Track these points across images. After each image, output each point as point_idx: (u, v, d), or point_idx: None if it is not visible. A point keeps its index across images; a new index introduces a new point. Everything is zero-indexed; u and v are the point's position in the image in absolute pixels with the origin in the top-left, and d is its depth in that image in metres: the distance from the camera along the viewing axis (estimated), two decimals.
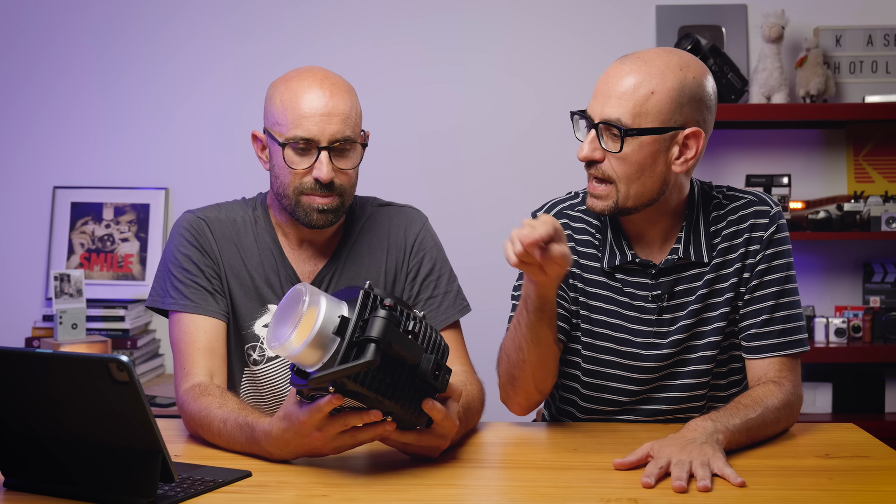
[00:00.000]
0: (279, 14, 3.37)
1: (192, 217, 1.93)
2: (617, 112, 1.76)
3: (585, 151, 1.80)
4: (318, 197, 1.83)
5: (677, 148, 1.78)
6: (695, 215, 1.88)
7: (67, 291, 3.02)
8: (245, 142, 2.09)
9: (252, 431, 1.62)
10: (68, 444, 1.42)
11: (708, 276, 1.86)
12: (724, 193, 1.92)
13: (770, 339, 1.84)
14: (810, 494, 1.48)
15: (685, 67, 1.79)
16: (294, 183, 1.83)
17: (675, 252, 1.86)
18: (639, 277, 1.88)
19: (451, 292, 1.97)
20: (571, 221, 1.93)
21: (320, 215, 1.84)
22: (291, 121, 1.80)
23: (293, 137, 1.80)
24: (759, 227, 1.87)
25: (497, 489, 1.58)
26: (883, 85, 3.27)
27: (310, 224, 1.85)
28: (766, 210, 1.88)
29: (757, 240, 1.87)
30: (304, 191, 1.83)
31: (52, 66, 3.40)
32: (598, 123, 1.78)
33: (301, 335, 1.45)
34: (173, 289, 1.87)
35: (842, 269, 3.33)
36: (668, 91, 1.76)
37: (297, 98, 1.81)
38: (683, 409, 1.88)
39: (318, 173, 1.81)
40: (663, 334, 1.87)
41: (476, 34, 3.35)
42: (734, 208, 1.89)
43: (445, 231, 2.15)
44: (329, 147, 1.81)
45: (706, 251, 1.86)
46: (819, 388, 3.15)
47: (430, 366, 1.50)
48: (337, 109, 1.81)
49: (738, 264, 1.86)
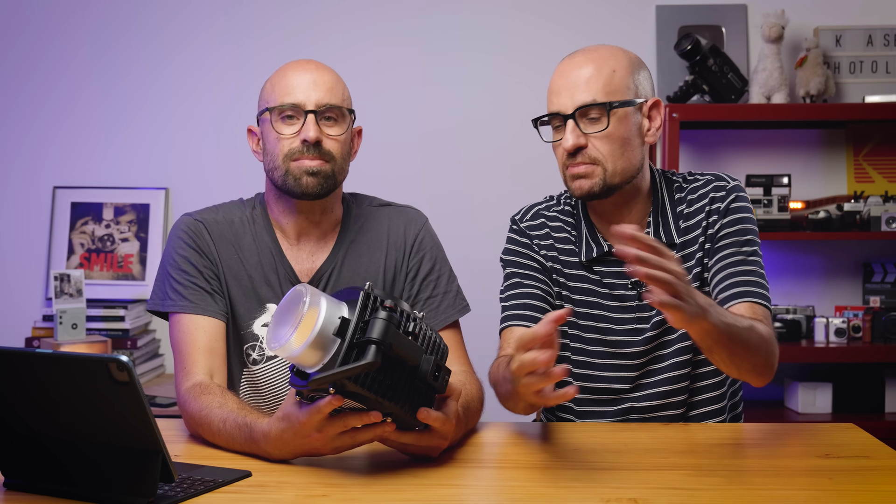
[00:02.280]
0: (279, 14, 3.37)
1: (190, 220, 1.93)
2: (590, 96, 1.85)
3: (572, 140, 1.86)
4: (306, 160, 1.86)
5: (645, 120, 1.90)
6: (660, 199, 1.96)
7: (67, 291, 3.02)
8: (245, 141, 2.09)
9: (251, 432, 1.62)
10: (68, 444, 1.42)
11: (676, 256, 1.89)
12: (683, 177, 2.00)
13: (735, 287, 1.87)
14: (810, 494, 1.48)
15: (623, 50, 1.92)
16: (283, 150, 1.87)
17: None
18: (616, 267, 1.93)
19: (450, 292, 1.98)
20: (549, 221, 2.01)
21: (310, 178, 1.86)
22: (279, 91, 1.88)
23: (280, 104, 1.86)
24: (716, 199, 1.94)
25: (497, 489, 1.58)
26: (883, 85, 3.27)
27: (301, 190, 1.87)
28: (723, 185, 1.95)
29: (715, 211, 1.93)
30: (293, 156, 1.86)
31: (52, 66, 3.40)
32: (573, 113, 1.85)
33: (301, 336, 1.45)
34: (172, 291, 1.88)
35: (842, 269, 3.33)
36: (625, 68, 1.88)
37: (283, 75, 1.91)
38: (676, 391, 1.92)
39: (304, 134, 1.85)
40: (645, 319, 1.92)
41: (476, 34, 3.35)
42: (694, 188, 1.97)
43: (445, 230, 2.15)
44: (315, 111, 1.86)
45: (675, 232, 1.94)
46: (819, 388, 3.15)
47: (429, 367, 1.50)
48: (322, 79, 1.89)
49: (701, 238, 1.93)
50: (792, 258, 3.32)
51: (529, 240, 2.00)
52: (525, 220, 2.03)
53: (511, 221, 2.06)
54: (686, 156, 3.27)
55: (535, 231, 2.01)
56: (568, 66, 1.89)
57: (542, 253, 1.99)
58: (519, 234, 2.02)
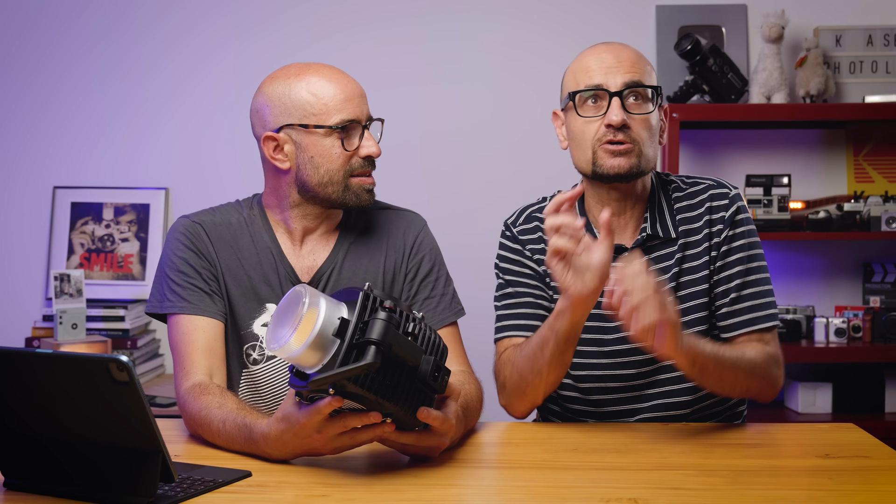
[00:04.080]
0: (279, 14, 3.37)
1: (188, 221, 1.94)
2: (638, 76, 1.86)
3: (620, 115, 1.84)
4: (365, 177, 1.90)
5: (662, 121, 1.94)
6: (657, 198, 1.95)
7: (67, 291, 3.02)
8: (245, 142, 2.09)
9: (250, 433, 1.62)
10: (68, 444, 1.42)
11: (678, 255, 1.91)
12: (682, 180, 2.00)
13: (741, 315, 1.89)
14: (810, 494, 1.48)
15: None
16: (345, 167, 1.88)
17: (643, 231, 1.92)
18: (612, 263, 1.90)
19: (447, 295, 1.99)
20: (542, 223, 1.94)
21: (369, 195, 1.91)
22: (335, 107, 1.86)
23: (342, 121, 1.86)
24: (718, 207, 1.93)
25: (496, 489, 1.58)
26: (883, 85, 3.27)
27: (360, 205, 1.91)
28: (725, 192, 1.94)
29: (719, 220, 1.92)
30: (353, 172, 1.89)
31: (52, 67, 3.40)
32: (622, 91, 1.84)
33: (301, 337, 1.45)
34: (171, 292, 1.88)
35: (842, 269, 3.33)
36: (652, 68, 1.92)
37: (329, 86, 1.87)
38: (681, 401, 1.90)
39: (369, 150, 1.88)
40: None
41: (476, 34, 3.35)
42: (692, 192, 1.96)
43: (445, 231, 2.16)
44: (368, 125, 1.90)
45: (672, 227, 1.92)
46: (819, 388, 3.15)
47: (429, 367, 1.50)
48: (362, 90, 1.92)
49: (705, 243, 1.91)
50: (792, 258, 3.32)
51: (521, 246, 1.99)
52: (518, 224, 2.03)
53: (504, 226, 2.05)
54: (686, 156, 3.27)
55: (527, 235, 2.00)
56: (607, 47, 1.89)
57: (535, 258, 1.98)
58: (511, 241, 2.01)
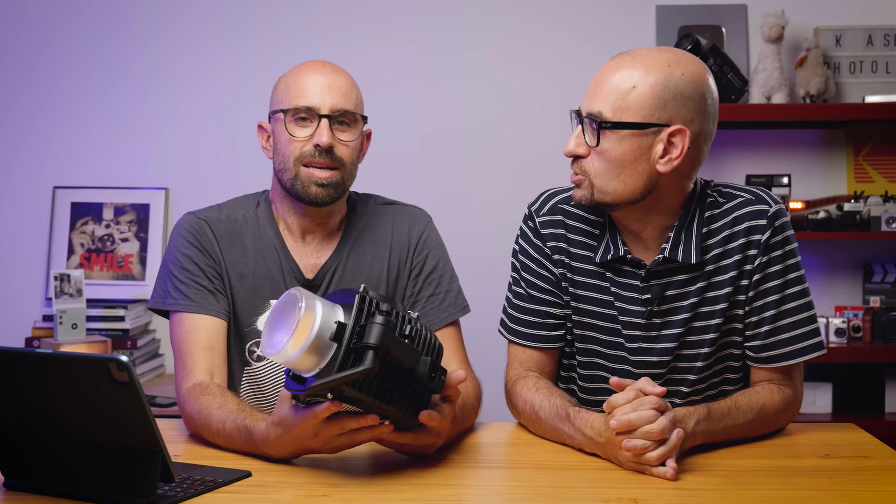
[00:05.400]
0: (279, 14, 3.37)
1: (193, 218, 1.93)
2: (599, 106, 1.74)
3: (571, 146, 1.78)
4: (317, 169, 1.86)
5: (662, 146, 1.72)
6: (689, 215, 1.80)
7: (67, 291, 3.02)
8: (245, 141, 2.10)
9: (250, 435, 1.62)
10: (68, 444, 1.42)
11: (700, 285, 1.80)
12: (720, 191, 1.84)
13: (776, 349, 1.81)
14: (810, 494, 1.48)
15: (674, 64, 1.73)
16: (295, 153, 1.87)
17: (662, 251, 1.80)
18: (628, 278, 1.83)
19: (452, 291, 1.98)
20: (567, 218, 1.88)
21: (319, 189, 1.86)
22: (294, 94, 1.87)
23: (295, 106, 1.86)
24: (756, 229, 1.79)
25: (497, 489, 1.58)
26: (883, 85, 3.27)
27: (308, 198, 1.87)
28: (764, 210, 1.80)
29: (755, 244, 1.79)
30: (304, 160, 1.86)
31: (52, 67, 3.40)
32: (583, 117, 1.76)
33: (297, 342, 1.44)
34: (174, 289, 1.87)
35: (842, 269, 3.33)
36: (651, 86, 1.71)
37: (299, 76, 1.89)
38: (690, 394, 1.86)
39: (318, 139, 1.85)
40: (654, 338, 1.83)
41: (476, 34, 3.35)
42: (728, 209, 1.81)
43: (446, 230, 2.15)
44: (329, 116, 1.86)
45: (695, 253, 1.78)
46: (819, 388, 3.15)
47: (426, 369, 1.50)
48: (337, 83, 1.88)
49: (733, 272, 1.80)
50: None
51: (542, 242, 1.88)
52: (542, 213, 1.90)
53: (528, 212, 1.92)
54: None
55: (550, 229, 1.88)
56: (606, 66, 1.77)
57: (555, 258, 1.88)
58: (533, 234, 1.90)
